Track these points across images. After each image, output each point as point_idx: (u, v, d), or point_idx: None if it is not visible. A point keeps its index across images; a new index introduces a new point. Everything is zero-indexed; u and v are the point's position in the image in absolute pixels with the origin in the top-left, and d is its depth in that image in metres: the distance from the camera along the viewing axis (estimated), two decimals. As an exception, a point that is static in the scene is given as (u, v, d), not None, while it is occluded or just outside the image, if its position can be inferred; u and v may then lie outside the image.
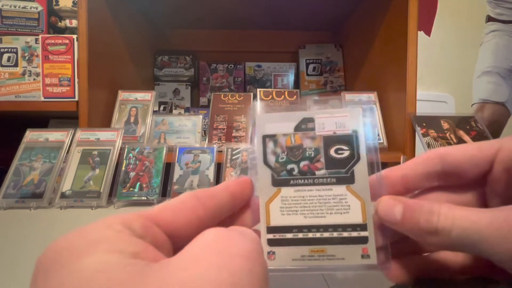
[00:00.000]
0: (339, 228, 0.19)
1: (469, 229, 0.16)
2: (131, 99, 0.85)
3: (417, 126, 0.73)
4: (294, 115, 0.20)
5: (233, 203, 0.19)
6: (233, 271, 0.12)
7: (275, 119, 0.20)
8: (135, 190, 0.66)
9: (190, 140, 0.81)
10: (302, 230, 0.19)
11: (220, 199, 0.18)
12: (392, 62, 0.83)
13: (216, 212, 0.18)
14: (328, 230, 0.19)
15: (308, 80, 1.22)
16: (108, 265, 0.12)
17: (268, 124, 0.20)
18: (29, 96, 0.82)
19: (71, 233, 0.14)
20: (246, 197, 0.20)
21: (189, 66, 1.23)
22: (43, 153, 0.69)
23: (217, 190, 0.18)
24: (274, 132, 0.20)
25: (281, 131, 0.20)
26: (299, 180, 0.19)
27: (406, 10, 0.76)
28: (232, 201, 0.19)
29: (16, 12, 0.87)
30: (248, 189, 0.20)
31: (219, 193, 0.18)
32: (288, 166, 0.20)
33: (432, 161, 0.20)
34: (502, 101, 1.29)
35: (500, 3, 1.32)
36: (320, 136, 0.20)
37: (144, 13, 1.11)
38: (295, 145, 0.20)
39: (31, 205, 0.62)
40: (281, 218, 0.19)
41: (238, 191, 0.19)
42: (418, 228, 0.17)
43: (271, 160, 0.20)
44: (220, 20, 1.19)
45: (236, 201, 0.19)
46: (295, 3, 1.04)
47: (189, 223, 0.17)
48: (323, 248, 0.18)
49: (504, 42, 1.31)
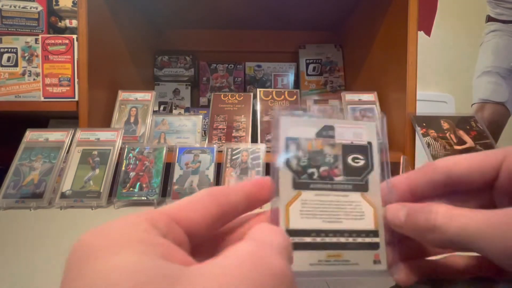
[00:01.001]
0: (354, 234, 0.19)
1: (466, 226, 0.16)
2: (131, 99, 0.85)
3: (417, 126, 0.73)
4: (316, 121, 0.21)
5: (247, 203, 0.19)
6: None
7: (299, 123, 0.20)
8: (135, 190, 0.66)
9: (190, 140, 0.81)
10: (320, 234, 0.19)
11: (234, 198, 0.18)
12: (392, 62, 0.83)
13: (229, 211, 0.18)
14: (344, 235, 0.19)
15: (308, 80, 1.22)
16: (139, 266, 0.11)
17: (292, 127, 0.20)
18: (29, 96, 0.82)
19: (98, 229, 0.13)
20: (263, 198, 0.19)
21: (189, 66, 1.23)
22: (43, 153, 0.69)
23: (233, 189, 0.18)
24: (297, 135, 0.20)
25: (304, 135, 0.20)
26: (319, 185, 0.20)
27: (406, 10, 0.76)
28: (246, 201, 0.19)
29: (16, 12, 0.87)
30: (266, 190, 0.19)
31: (234, 192, 0.18)
32: (309, 170, 0.20)
33: (439, 172, 0.21)
34: (502, 101, 1.29)
35: (500, 3, 1.32)
36: (339, 144, 0.21)
37: (144, 13, 1.11)
38: (316, 150, 0.20)
39: (31, 205, 0.62)
40: (300, 221, 0.19)
41: (254, 192, 0.19)
42: (417, 226, 0.18)
43: (293, 163, 0.20)
44: (220, 20, 1.19)
45: (251, 202, 0.19)
46: (295, 3, 1.04)
47: (204, 221, 0.17)
48: (340, 253, 0.19)
49: (504, 42, 1.31)
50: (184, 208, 0.16)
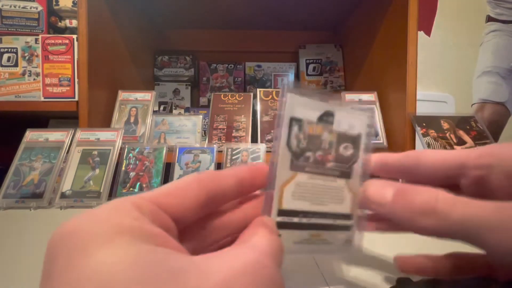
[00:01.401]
0: (334, 216, 0.21)
1: (472, 214, 0.15)
2: (131, 99, 0.85)
3: (417, 126, 0.73)
4: (320, 105, 0.21)
5: (239, 189, 0.18)
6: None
7: (304, 104, 0.21)
8: (135, 190, 0.66)
9: (190, 140, 0.81)
10: (307, 215, 0.20)
11: (224, 185, 0.17)
12: (392, 62, 0.83)
13: (219, 197, 0.17)
14: (326, 217, 0.20)
15: (308, 80, 1.22)
16: (141, 259, 0.11)
17: (297, 107, 0.20)
18: (29, 96, 0.82)
19: (83, 216, 0.12)
20: (257, 184, 0.19)
21: (189, 66, 1.23)
22: (43, 153, 0.69)
23: (223, 175, 0.18)
24: (301, 116, 0.20)
25: (307, 117, 0.20)
26: (313, 168, 0.20)
27: (406, 10, 0.76)
28: (238, 187, 0.18)
29: (16, 12, 0.87)
30: (261, 177, 0.19)
31: (225, 178, 0.18)
32: (306, 154, 0.20)
33: (410, 157, 0.22)
34: (502, 101, 1.29)
35: (500, 3, 1.32)
36: (335, 132, 0.21)
37: (144, 13, 1.11)
38: (315, 135, 0.21)
39: (31, 205, 0.62)
40: (292, 202, 0.20)
41: (248, 178, 0.19)
42: (410, 208, 0.17)
43: (293, 144, 0.20)
44: (220, 20, 1.19)
45: (244, 188, 0.19)
46: (295, 3, 1.04)
47: (191, 207, 0.16)
48: (319, 233, 0.20)
49: (504, 42, 1.31)
50: (171, 194, 0.16)
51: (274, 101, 0.89)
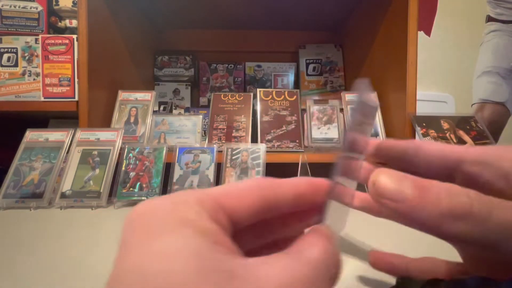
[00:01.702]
0: None
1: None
2: (131, 99, 0.85)
3: (417, 126, 0.73)
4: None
5: (296, 203, 0.18)
6: None
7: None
8: (135, 190, 0.66)
9: (190, 140, 0.81)
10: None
11: (281, 195, 0.17)
12: (392, 62, 0.83)
13: (273, 206, 0.17)
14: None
15: (308, 80, 1.22)
16: (200, 254, 0.12)
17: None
18: (29, 96, 0.82)
19: (152, 203, 0.14)
20: (317, 201, 0.18)
21: (189, 66, 1.23)
22: (43, 153, 0.69)
23: (283, 185, 0.17)
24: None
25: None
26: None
27: (406, 10, 0.76)
28: (295, 201, 0.17)
29: (16, 12, 0.87)
30: (322, 194, 0.18)
31: (284, 188, 0.17)
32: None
33: (411, 145, 0.21)
34: (502, 101, 1.29)
35: (500, 3, 1.32)
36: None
37: (144, 13, 1.11)
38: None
39: (31, 205, 0.62)
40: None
41: (308, 194, 0.18)
42: (439, 210, 0.14)
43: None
44: (220, 20, 1.19)
45: (301, 202, 0.18)
46: (295, 3, 1.04)
47: (248, 211, 0.16)
48: None
49: (504, 42, 1.31)
50: (231, 194, 0.16)
51: (274, 101, 0.89)
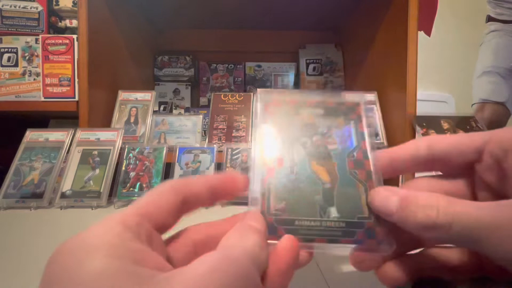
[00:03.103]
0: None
1: (470, 226, 0.16)
2: (131, 99, 0.85)
3: (417, 126, 0.73)
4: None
5: (211, 196, 0.19)
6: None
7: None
8: (135, 190, 0.66)
9: (190, 140, 0.81)
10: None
11: (196, 190, 0.19)
12: (392, 62, 0.83)
13: (191, 201, 0.18)
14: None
15: (308, 80, 1.22)
16: (109, 271, 0.12)
17: None
18: (29, 96, 0.82)
19: (76, 236, 0.14)
20: (229, 191, 0.20)
21: (189, 66, 1.23)
22: (43, 153, 0.69)
23: (195, 181, 0.19)
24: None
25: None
26: None
27: (406, 10, 0.76)
28: (210, 193, 0.19)
29: (16, 12, 0.87)
30: (232, 185, 0.20)
31: (196, 184, 0.19)
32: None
33: (420, 146, 0.21)
34: (502, 101, 1.29)
35: (500, 3, 1.32)
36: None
37: (144, 13, 1.11)
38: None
39: (31, 205, 0.62)
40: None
41: (219, 185, 0.19)
42: (414, 222, 0.17)
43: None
44: (220, 20, 1.19)
45: (216, 195, 0.19)
46: (295, 3, 1.04)
47: (169, 212, 0.17)
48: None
49: (504, 42, 1.31)
50: (150, 202, 0.17)
51: (274, 101, 0.89)
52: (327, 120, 0.22)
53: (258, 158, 0.20)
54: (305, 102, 0.23)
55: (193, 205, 0.19)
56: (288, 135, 0.21)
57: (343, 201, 0.19)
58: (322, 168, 0.20)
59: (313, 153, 0.21)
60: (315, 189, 0.20)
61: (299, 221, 0.18)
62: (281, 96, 0.23)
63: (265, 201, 0.19)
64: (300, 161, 0.21)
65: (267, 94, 0.23)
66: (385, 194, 0.19)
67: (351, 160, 0.21)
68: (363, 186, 0.20)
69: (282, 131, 0.21)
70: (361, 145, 0.21)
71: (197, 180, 0.19)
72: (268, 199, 0.19)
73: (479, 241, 0.15)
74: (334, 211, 0.19)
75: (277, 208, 0.19)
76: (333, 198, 0.19)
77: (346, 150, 0.21)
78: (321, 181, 0.20)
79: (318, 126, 0.22)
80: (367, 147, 0.21)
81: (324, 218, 0.19)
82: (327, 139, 0.21)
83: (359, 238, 0.18)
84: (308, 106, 0.23)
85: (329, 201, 0.19)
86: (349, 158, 0.21)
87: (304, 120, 0.22)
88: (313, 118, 0.22)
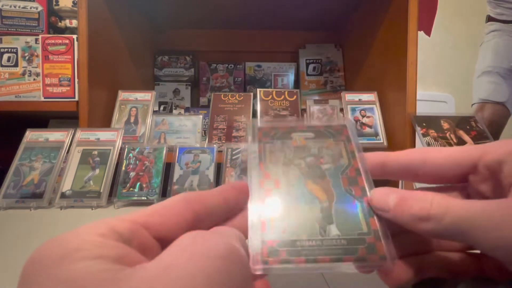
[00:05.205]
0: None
1: (461, 216, 0.16)
2: (131, 99, 0.85)
3: (417, 126, 0.73)
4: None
5: (226, 208, 0.19)
6: (209, 274, 0.12)
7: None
8: (135, 190, 0.66)
9: (190, 140, 0.81)
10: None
11: (211, 204, 0.18)
12: (392, 62, 0.83)
13: (206, 216, 0.18)
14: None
15: (308, 80, 1.22)
16: (83, 272, 0.12)
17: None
18: (29, 96, 0.82)
19: (54, 239, 0.14)
20: (241, 202, 0.20)
21: (189, 66, 1.23)
22: (43, 153, 0.69)
23: (209, 194, 0.18)
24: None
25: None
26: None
27: (406, 10, 0.76)
28: (225, 206, 0.19)
29: (16, 12, 0.87)
30: (243, 195, 0.20)
31: (211, 197, 0.18)
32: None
33: (414, 156, 0.22)
34: (502, 101, 1.29)
35: (500, 3, 1.32)
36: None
37: (144, 13, 1.11)
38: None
39: (31, 205, 0.62)
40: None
41: (233, 196, 0.19)
42: (410, 214, 0.18)
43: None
44: (220, 20, 1.19)
45: (230, 206, 0.19)
46: (295, 3, 1.04)
47: (178, 226, 0.16)
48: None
49: (504, 42, 1.31)
50: (156, 214, 0.16)
51: (274, 101, 0.89)
52: (318, 142, 0.23)
53: (255, 183, 0.20)
54: (295, 127, 0.24)
55: (208, 220, 0.18)
56: (283, 157, 0.22)
57: (341, 219, 0.19)
58: (318, 187, 0.21)
59: (308, 173, 0.21)
60: (313, 208, 0.20)
61: (300, 241, 0.18)
62: (272, 123, 0.24)
63: (265, 224, 0.19)
64: (296, 182, 0.21)
65: (259, 122, 0.24)
66: (385, 192, 0.20)
67: (345, 177, 0.21)
68: (359, 202, 0.20)
69: (276, 154, 0.22)
70: (352, 163, 0.22)
71: (212, 193, 0.19)
72: (268, 222, 0.19)
73: (469, 232, 0.16)
74: (334, 229, 0.19)
75: (277, 230, 0.19)
76: (331, 216, 0.19)
77: (339, 168, 0.22)
78: (318, 200, 0.20)
79: (310, 148, 0.23)
80: (359, 164, 0.22)
81: (325, 236, 0.19)
82: (320, 159, 0.22)
83: (360, 255, 0.18)
84: (299, 130, 0.24)
85: (328, 219, 0.19)
86: (343, 175, 0.21)
87: (296, 143, 0.23)
88: (305, 141, 0.23)
